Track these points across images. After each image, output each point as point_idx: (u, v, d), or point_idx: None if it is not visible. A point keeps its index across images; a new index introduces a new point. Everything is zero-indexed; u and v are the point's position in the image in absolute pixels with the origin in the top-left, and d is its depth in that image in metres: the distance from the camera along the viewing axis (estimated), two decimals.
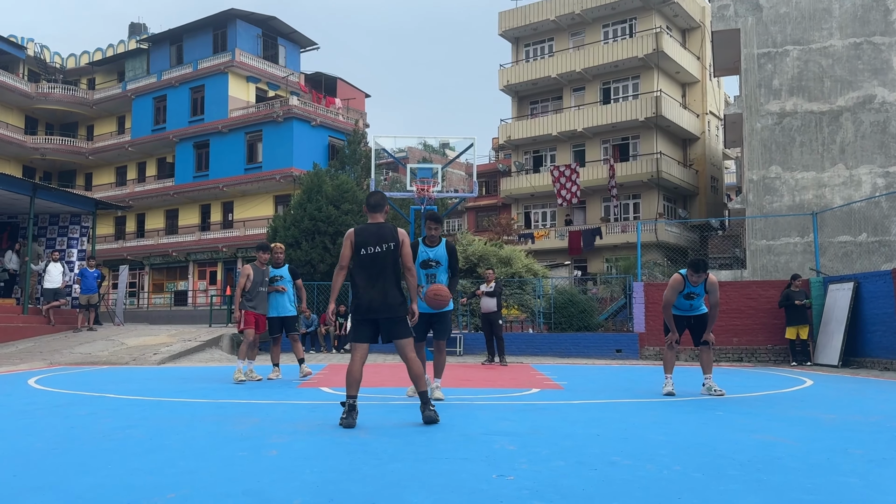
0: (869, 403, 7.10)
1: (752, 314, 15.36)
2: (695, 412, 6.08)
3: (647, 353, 15.48)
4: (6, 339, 15.72)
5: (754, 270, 23.07)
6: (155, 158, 43.70)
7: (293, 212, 21.10)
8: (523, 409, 6.29)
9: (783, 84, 23.38)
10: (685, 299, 7.70)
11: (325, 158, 37.20)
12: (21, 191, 17.47)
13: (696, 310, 7.83)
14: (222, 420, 5.39)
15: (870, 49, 22.72)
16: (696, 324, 7.85)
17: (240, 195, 39.43)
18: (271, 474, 3.40)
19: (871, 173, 22.37)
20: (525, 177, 38.64)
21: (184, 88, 40.99)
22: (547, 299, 18.02)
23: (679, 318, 7.84)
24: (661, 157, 35.20)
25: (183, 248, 40.23)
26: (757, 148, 23.52)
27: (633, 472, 3.52)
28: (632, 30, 36.78)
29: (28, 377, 9.63)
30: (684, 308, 7.81)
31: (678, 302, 7.73)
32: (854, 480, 3.37)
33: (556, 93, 39.22)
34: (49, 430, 4.86)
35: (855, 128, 22.62)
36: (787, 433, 4.89)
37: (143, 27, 48.23)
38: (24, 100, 43.16)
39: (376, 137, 16.24)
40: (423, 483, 3.24)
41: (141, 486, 3.18)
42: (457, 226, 45.77)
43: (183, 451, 4.04)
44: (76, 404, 6.43)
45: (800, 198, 22.89)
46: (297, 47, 43.13)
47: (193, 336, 16.10)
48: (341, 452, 4.01)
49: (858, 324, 13.54)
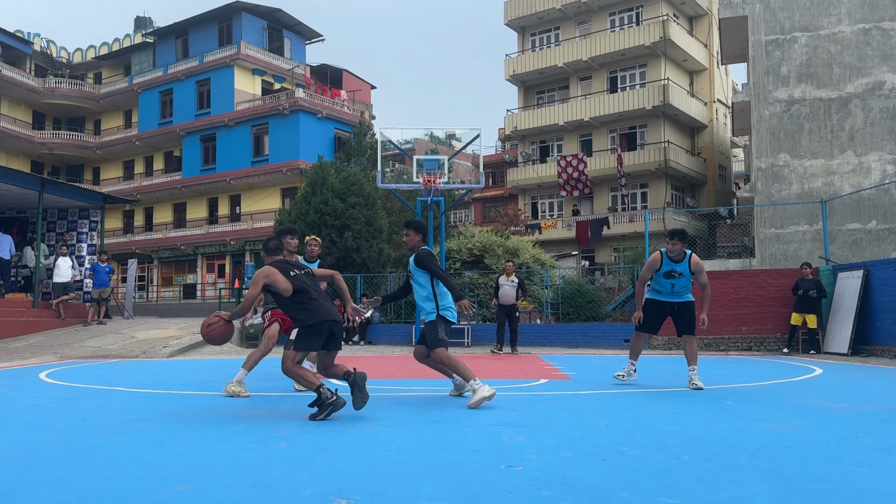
0: (879, 392, 7.06)
1: (760, 303, 15.29)
2: (704, 402, 6.06)
3: (656, 343, 15.45)
4: (17, 333, 15.83)
5: (763, 259, 22.98)
6: (162, 152, 43.82)
7: (299, 205, 21.10)
8: (531, 400, 6.29)
9: (791, 71, 23.21)
10: (665, 279, 7.31)
11: (331, 151, 37.21)
12: (30, 186, 17.54)
13: (680, 296, 7.40)
14: (231, 412, 5.41)
15: (879, 35, 22.51)
16: (680, 311, 7.45)
17: (247, 188, 39.50)
18: (280, 466, 3.42)
19: (881, 160, 22.21)
20: (532, 167, 38.54)
21: (190, 82, 41.03)
22: (555, 290, 18.00)
23: (660, 304, 7.48)
24: (669, 145, 35.04)
25: (191, 242, 40.37)
26: (765, 136, 23.38)
27: (642, 462, 3.51)
28: (638, 18, 36.55)
29: (39, 371, 9.70)
30: (666, 290, 7.41)
31: (659, 283, 7.39)
32: (864, 469, 3.36)
33: (563, 82, 39.04)
34: (60, 424, 4.89)
35: (864, 114, 22.45)
36: (797, 422, 4.88)
37: (148, 21, 48.28)
38: (32, 95, 43.30)
39: (382, 129, 16.21)
40: (431, 474, 3.25)
41: (151, 478, 3.19)
42: (464, 217, 45.74)
43: (192, 444, 4.06)
44: (86, 398, 6.47)
45: (808, 185, 22.76)
46: (302, 39, 43.08)
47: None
48: (349, 444, 4.02)
49: (868, 312, 13.47)
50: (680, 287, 7.37)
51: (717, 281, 15.90)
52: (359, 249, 20.10)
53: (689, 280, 7.36)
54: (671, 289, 7.39)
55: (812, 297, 14.12)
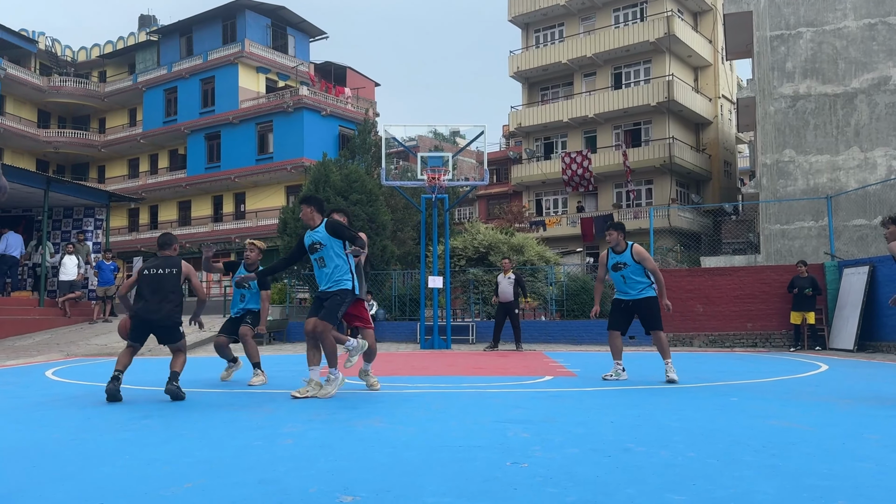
0: (884, 387, 7.05)
1: (766, 299, 15.27)
2: (709, 398, 6.06)
3: None
4: (23, 331, 15.89)
5: (768, 255, 22.93)
6: (167, 150, 43.89)
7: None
8: (536, 397, 6.29)
9: (796, 66, 23.12)
10: (615, 272, 7.51)
11: (335, 148, 37.22)
12: (35, 184, 17.60)
13: (631, 293, 7.49)
14: (237, 409, 5.43)
15: (885, 30, 22.41)
16: (638, 308, 7.52)
17: (251, 186, 39.54)
18: (286, 463, 3.42)
19: (887, 156, 22.12)
20: (536, 164, 38.50)
21: (194, 80, 41.07)
22: (559, 286, 18.00)
23: (620, 302, 7.61)
24: (674, 141, 34.96)
25: (196, 240, 40.42)
26: (770, 132, 23.31)
27: (647, 458, 3.51)
28: (643, 13, 36.45)
29: (45, 369, 9.74)
30: (619, 285, 7.57)
31: (614, 279, 7.61)
32: (869, 465, 3.35)
33: (567, 79, 38.97)
34: (66, 421, 4.91)
35: (870, 110, 22.36)
36: (802, 418, 4.87)
37: (152, 19, 48.31)
38: (37, 93, 43.40)
39: (386, 126, 16.21)
40: (436, 471, 3.25)
41: (157, 475, 3.21)
42: (468, 214, 45.72)
43: (198, 441, 4.08)
44: (93, 395, 6.49)
45: (814, 181, 22.69)
46: (306, 37, 43.07)
47: (208, 326, 16.19)
48: (355, 441, 4.03)
49: (874, 308, 13.44)
50: (631, 281, 7.49)
51: (722, 277, 15.89)
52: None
53: (640, 273, 7.45)
54: (623, 282, 7.54)
55: (808, 296, 14.09)
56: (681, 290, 15.60)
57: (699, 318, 15.53)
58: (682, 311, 15.53)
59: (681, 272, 16.67)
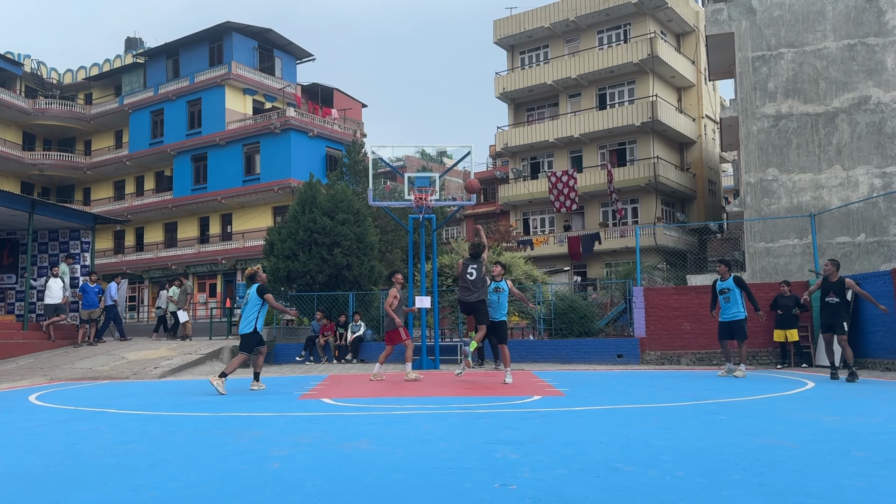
0: (871, 404, 7.09)
1: (752, 317, 15.30)
2: (697, 416, 6.07)
3: (649, 358, 15.46)
4: (6, 355, 15.70)
5: (754, 273, 23.08)
6: (153, 172, 43.78)
7: (288, 224, 21.01)
8: (525, 417, 6.28)
9: (778, 86, 23.44)
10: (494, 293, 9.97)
11: (322, 169, 37.26)
12: (19, 207, 17.48)
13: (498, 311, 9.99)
14: (224, 433, 5.38)
15: (864, 50, 22.79)
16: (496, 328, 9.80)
17: (238, 207, 39.46)
18: (273, 487, 3.40)
19: (868, 174, 22.41)
20: (523, 183, 38.69)
21: (181, 102, 41.08)
22: (547, 305, 18.01)
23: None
24: (659, 161, 35.27)
25: (182, 261, 40.23)
26: (753, 151, 23.56)
27: (636, 478, 3.51)
28: (626, 35, 36.91)
29: (29, 393, 9.62)
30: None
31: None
32: (857, 482, 3.37)
33: (553, 99, 39.32)
34: (50, 447, 4.85)
35: (851, 129, 22.67)
36: (789, 436, 4.89)
37: (139, 41, 48.40)
38: (22, 116, 43.26)
39: (374, 147, 16.24)
40: (425, 493, 3.24)
41: (143, 501, 3.17)
42: (455, 233, 45.79)
43: (184, 466, 4.04)
44: (77, 420, 6.42)
45: (797, 199, 22.92)
46: (293, 59, 43.25)
47: (194, 349, 16.08)
48: (343, 464, 4.01)
49: (859, 324, 13.53)
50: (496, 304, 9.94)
51: (708, 296, 15.94)
52: (349, 266, 20.05)
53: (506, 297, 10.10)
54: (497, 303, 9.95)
55: (795, 315, 14.20)
56: (668, 308, 15.66)
57: (686, 336, 15.57)
58: (669, 329, 15.57)
59: (667, 290, 16.73)
